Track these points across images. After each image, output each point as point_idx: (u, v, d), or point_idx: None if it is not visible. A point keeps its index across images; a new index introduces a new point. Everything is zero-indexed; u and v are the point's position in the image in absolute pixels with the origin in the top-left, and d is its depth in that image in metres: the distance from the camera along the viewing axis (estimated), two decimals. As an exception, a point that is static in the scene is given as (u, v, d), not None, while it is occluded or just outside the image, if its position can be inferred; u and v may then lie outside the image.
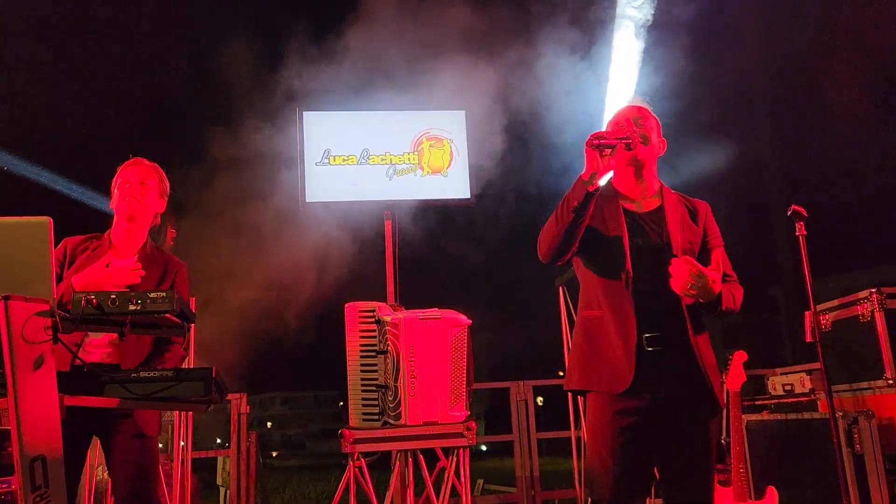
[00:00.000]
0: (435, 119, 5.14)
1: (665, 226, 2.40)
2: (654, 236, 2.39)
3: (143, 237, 3.00)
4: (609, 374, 2.31)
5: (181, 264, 3.06)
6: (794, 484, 4.20)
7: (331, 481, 16.24)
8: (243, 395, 5.91)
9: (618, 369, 2.28)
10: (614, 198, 2.45)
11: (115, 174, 2.99)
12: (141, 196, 2.91)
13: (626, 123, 2.43)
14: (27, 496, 1.93)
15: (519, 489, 6.12)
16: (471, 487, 3.80)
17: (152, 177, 2.98)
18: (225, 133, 6.28)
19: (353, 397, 3.45)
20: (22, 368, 1.93)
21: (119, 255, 2.91)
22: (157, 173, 3.02)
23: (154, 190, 2.98)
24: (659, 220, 2.42)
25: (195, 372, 2.21)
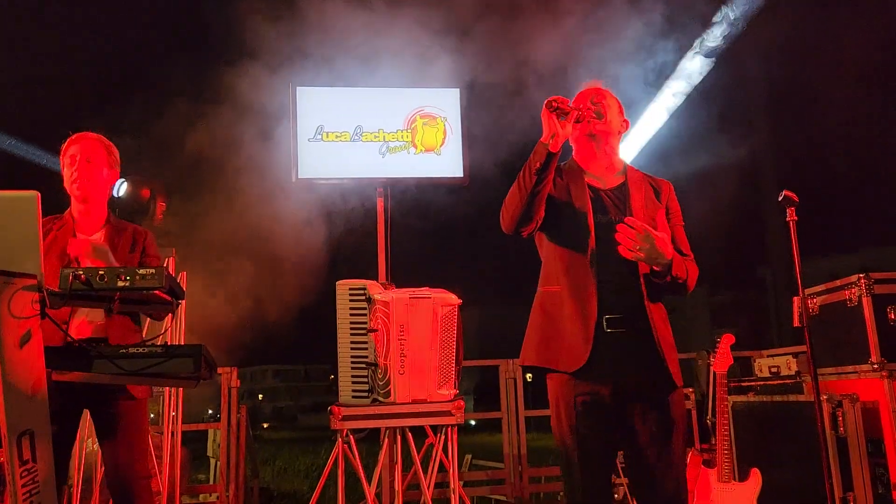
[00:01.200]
0: (429, 97, 5.10)
1: (628, 203, 2.41)
2: (616, 213, 2.39)
3: (103, 212, 2.97)
4: (566, 351, 2.31)
5: (146, 231, 3.05)
6: (778, 465, 4.26)
7: (321, 454, 16.36)
8: (234, 370, 5.93)
9: (574, 347, 2.28)
10: (580, 174, 2.47)
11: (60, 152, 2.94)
12: (89, 176, 2.87)
13: (580, 98, 2.49)
14: (14, 470, 1.93)
15: (507, 466, 6.19)
16: (458, 463, 3.84)
17: (98, 151, 2.92)
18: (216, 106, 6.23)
19: (342, 374, 3.46)
20: (8, 344, 1.93)
21: (85, 230, 2.90)
22: (102, 145, 2.95)
23: (102, 164, 2.92)
24: (622, 197, 2.43)
25: (185, 348, 2.21)
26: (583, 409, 2.29)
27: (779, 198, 3.23)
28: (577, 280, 2.33)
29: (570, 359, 2.29)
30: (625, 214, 2.37)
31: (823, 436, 3.21)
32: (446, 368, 3.37)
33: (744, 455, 4.22)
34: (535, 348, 2.41)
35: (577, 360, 2.27)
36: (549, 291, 2.42)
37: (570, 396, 2.31)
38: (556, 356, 2.34)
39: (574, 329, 2.30)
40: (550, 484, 6.28)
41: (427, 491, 3.46)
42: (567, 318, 2.32)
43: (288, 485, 12.43)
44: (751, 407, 4.76)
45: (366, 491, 3.45)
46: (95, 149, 2.91)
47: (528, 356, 2.45)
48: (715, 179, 9.64)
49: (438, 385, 3.33)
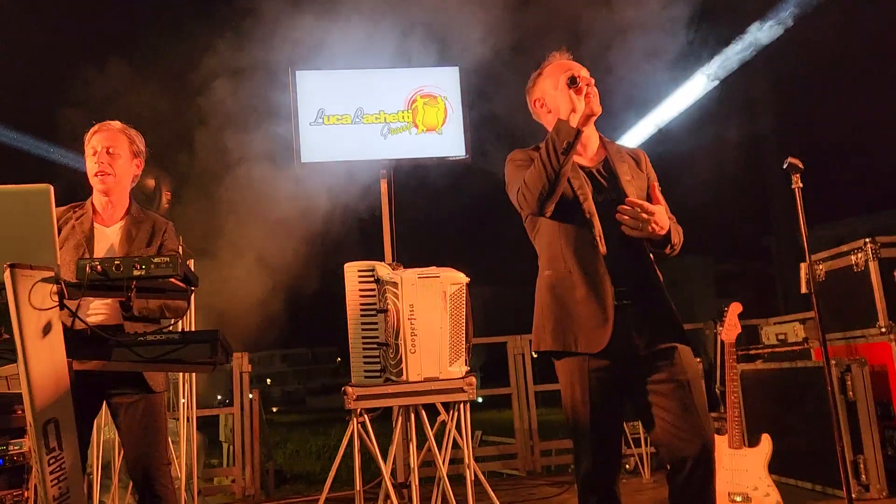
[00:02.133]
0: (428, 76, 5.09)
1: (617, 178, 2.40)
2: (610, 190, 2.39)
3: (125, 202, 2.94)
4: (585, 334, 2.31)
5: (167, 222, 3.02)
6: (788, 431, 4.31)
7: (331, 435, 16.49)
8: (245, 354, 6.00)
9: (593, 329, 2.29)
10: None
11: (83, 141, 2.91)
12: (111, 167, 2.82)
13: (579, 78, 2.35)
14: (42, 458, 1.97)
15: (518, 440, 6.27)
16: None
17: (121, 141, 2.87)
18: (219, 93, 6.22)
19: (354, 355, 3.49)
20: (30, 335, 1.96)
21: (104, 221, 2.88)
22: (126, 135, 2.90)
23: (125, 155, 2.88)
24: (610, 173, 2.42)
25: (201, 334, 2.24)
26: (597, 383, 2.32)
27: (783, 165, 3.23)
28: (586, 261, 2.33)
29: (590, 342, 2.30)
30: (617, 190, 2.38)
31: (834, 400, 3.24)
32: (457, 346, 3.40)
33: (753, 422, 4.27)
34: (550, 333, 2.39)
35: (598, 342, 2.28)
36: (556, 274, 2.39)
37: (584, 372, 2.33)
38: (574, 339, 2.33)
39: (590, 312, 2.30)
40: (561, 456, 6.36)
41: (442, 467, 3.51)
42: (581, 300, 2.32)
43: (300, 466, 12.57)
44: (759, 374, 4.81)
45: (382, 469, 3.50)
46: (117, 139, 2.87)
47: (543, 341, 2.42)
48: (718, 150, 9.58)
49: (450, 362, 3.36)
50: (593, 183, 2.40)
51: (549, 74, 2.47)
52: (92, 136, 2.87)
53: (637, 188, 2.41)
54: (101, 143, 2.84)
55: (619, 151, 2.50)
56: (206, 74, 6.06)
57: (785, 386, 4.54)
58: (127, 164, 2.90)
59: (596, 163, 2.46)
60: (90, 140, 2.87)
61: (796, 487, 4.36)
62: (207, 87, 6.12)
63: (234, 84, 6.09)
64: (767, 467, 3.46)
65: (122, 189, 2.92)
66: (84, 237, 2.79)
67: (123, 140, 2.89)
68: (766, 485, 3.43)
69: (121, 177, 2.87)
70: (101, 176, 2.82)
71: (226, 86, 6.06)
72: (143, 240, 2.88)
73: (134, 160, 2.94)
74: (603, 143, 2.51)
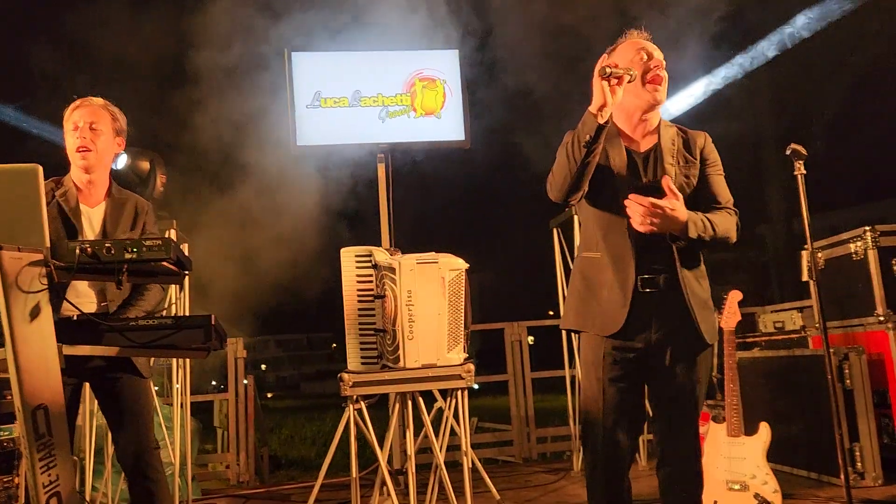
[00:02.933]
0: (427, 59, 5.02)
1: (662, 164, 2.37)
2: (650, 176, 2.37)
3: (106, 181, 2.87)
4: (603, 316, 2.34)
5: (148, 204, 2.96)
6: (785, 419, 4.30)
7: (326, 421, 16.52)
8: (239, 340, 5.96)
9: (612, 312, 2.32)
10: (616, 137, 2.40)
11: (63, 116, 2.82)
12: (93, 144, 2.75)
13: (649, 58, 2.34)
14: (31, 444, 1.93)
15: (514, 427, 6.25)
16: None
17: (103, 117, 2.80)
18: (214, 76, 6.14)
19: (350, 341, 3.45)
20: (18, 319, 1.91)
21: (87, 201, 2.81)
22: (108, 112, 2.83)
23: (107, 132, 2.80)
24: (655, 159, 2.39)
25: (194, 319, 2.20)
26: (613, 364, 2.34)
27: (787, 151, 3.19)
28: (615, 246, 2.34)
29: (606, 324, 2.33)
30: (657, 177, 2.34)
31: (833, 388, 3.22)
32: (455, 332, 3.36)
33: (750, 410, 4.25)
34: (574, 312, 2.45)
35: (613, 325, 2.31)
36: (588, 257, 2.43)
37: (600, 352, 2.35)
38: (592, 321, 2.38)
39: (612, 296, 2.32)
40: (557, 443, 6.35)
41: (439, 454, 3.48)
42: (606, 284, 2.34)
43: (295, 452, 12.58)
44: (756, 363, 4.79)
45: (378, 456, 3.47)
46: (101, 115, 2.79)
47: (567, 320, 2.49)
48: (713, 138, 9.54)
49: (448, 349, 3.32)
50: (637, 167, 2.37)
51: (622, 51, 2.40)
52: (73, 111, 2.79)
53: (680, 174, 2.36)
54: (83, 118, 2.76)
55: (673, 135, 2.43)
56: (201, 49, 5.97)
57: (782, 374, 4.52)
58: (109, 141, 2.82)
59: (647, 147, 2.41)
60: (70, 115, 2.79)
61: (792, 475, 4.36)
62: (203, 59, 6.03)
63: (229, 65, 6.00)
64: (766, 455, 3.44)
65: (104, 167, 2.84)
66: (71, 216, 2.72)
67: (106, 116, 2.81)
68: (764, 473, 3.41)
69: (102, 153, 2.79)
70: (82, 151, 2.74)
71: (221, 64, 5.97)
72: (127, 221, 2.83)
73: (116, 138, 2.86)
74: (660, 126, 2.44)
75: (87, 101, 2.82)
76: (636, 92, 2.32)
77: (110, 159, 2.88)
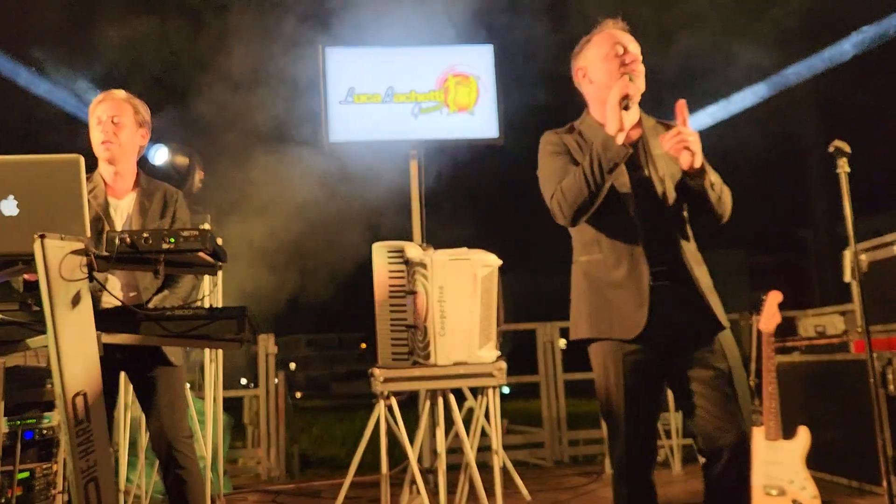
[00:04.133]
0: (461, 55, 5.00)
1: (651, 156, 2.32)
2: (643, 168, 2.31)
3: (133, 172, 2.91)
4: (621, 319, 2.25)
5: (177, 191, 2.99)
6: (825, 425, 4.19)
7: (355, 421, 16.56)
8: (271, 336, 6.00)
9: (629, 314, 2.23)
10: (601, 131, 2.30)
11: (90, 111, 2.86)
12: (115, 137, 2.79)
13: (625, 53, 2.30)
14: (70, 430, 1.96)
15: (546, 429, 6.20)
16: (498, 426, 3.82)
17: (126, 110, 2.83)
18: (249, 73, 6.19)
19: (382, 337, 3.45)
20: (60, 306, 1.94)
21: (116, 193, 2.86)
22: (130, 104, 2.86)
23: (130, 124, 2.84)
24: (645, 150, 2.34)
25: (229, 310, 2.21)
26: (632, 367, 2.26)
27: (829, 149, 3.11)
28: (620, 244, 2.27)
29: (625, 327, 2.24)
30: (651, 168, 2.30)
31: (876, 393, 3.13)
32: (487, 330, 3.34)
33: (788, 415, 4.16)
34: (586, 320, 2.34)
35: (634, 327, 2.22)
36: (591, 259, 2.34)
37: (619, 356, 2.27)
38: (609, 326, 2.28)
39: (626, 296, 2.24)
40: (589, 446, 6.28)
41: (470, 452, 3.46)
42: (616, 284, 2.26)
43: (325, 451, 12.64)
44: (796, 367, 4.69)
45: (409, 453, 3.46)
46: (123, 108, 2.83)
47: (580, 329, 2.37)
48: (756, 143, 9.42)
49: (479, 346, 3.30)
50: (629, 161, 2.28)
51: (597, 43, 2.37)
52: (97, 105, 2.84)
53: (668, 162, 2.31)
54: (106, 112, 2.81)
55: (655, 127, 2.40)
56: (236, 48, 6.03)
57: (823, 379, 4.41)
58: (132, 133, 2.86)
59: (633, 139, 2.34)
60: (95, 110, 2.83)
61: (832, 483, 4.25)
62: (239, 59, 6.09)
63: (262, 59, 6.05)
64: (805, 460, 3.36)
65: (129, 159, 2.88)
66: (101, 210, 2.77)
67: (128, 109, 2.85)
68: (802, 478, 3.33)
69: (126, 146, 2.83)
70: (106, 144, 2.79)
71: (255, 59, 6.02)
72: (156, 210, 2.86)
73: (139, 130, 2.90)
74: (641, 118, 2.40)
75: (110, 94, 2.87)
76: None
77: (135, 151, 2.92)
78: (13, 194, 2.06)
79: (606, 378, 2.31)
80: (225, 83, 6.40)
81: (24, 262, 2.11)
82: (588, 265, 2.35)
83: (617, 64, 2.28)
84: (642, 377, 2.26)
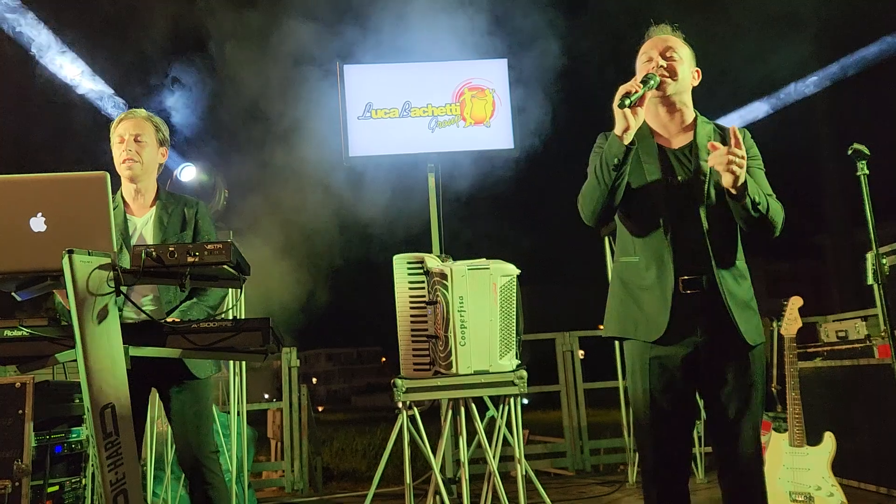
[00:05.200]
0: (476, 69, 5.06)
1: (698, 161, 2.31)
2: (686, 174, 2.31)
3: (153, 189, 2.97)
4: (645, 321, 2.29)
5: (198, 202, 3.04)
6: (851, 431, 4.14)
7: (376, 433, 16.55)
8: (293, 349, 6.03)
9: (653, 316, 2.26)
10: (649, 136, 2.36)
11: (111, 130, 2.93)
12: (138, 155, 2.86)
13: (649, 61, 2.33)
14: (99, 443, 1.99)
15: (567, 438, 6.17)
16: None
17: (147, 129, 2.90)
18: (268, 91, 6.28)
19: (403, 348, 3.46)
20: (88, 320, 1.99)
21: (135, 211, 2.92)
22: (152, 123, 2.93)
23: (152, 143, 2.91)
24: (691, 156, 2.33)
25: (253, 322, 2.24)
26: (659, 371, 2.28)
27: (848, 151, 3.09)
28: (653, 248, 2.30)
29: (649, 329, 2.28)
30: (694, 174, 2.30)
31: (902, 397, 3.09)
32: (507, 339, 3.35)
33: (813, 422, 4.11)
34: (615, 319, 2.40)
35: (656, 330, 2.26)
36: (626, 262, 2.39)
37: (645, 359, 2.30)
38: (634, 327, 2.32)
39: (652, 299, 2.28)
40: (610, 455, 6.25)
41: (493, 461, 3.46)
42: (646, 288, 2.30)
43: (346, 464, 12.64)
44: (819, 372, 4.64)
45: (432, 463, 3.47)
46: (143, 126, 2.91)
47: (609, 327, 2.44)
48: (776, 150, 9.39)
49: (500, 355, 3.31)
50: (672, 165, 2.32)
51: (641, 52, 2.41)
52: (118, 124, 2.91)
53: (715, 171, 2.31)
54: (128, 130, 2.87)
55: (710, 132, 2.38)
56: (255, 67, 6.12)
57: (846, 385, 4.36)
58: (153, 151, 2.93)
59: (681, 144, 2.37)
60: (116, 128, 2.90)
61: (860, 489, 4.19)
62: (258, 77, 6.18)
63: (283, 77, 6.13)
64: (831, 466, 3.32)
65: (149, 176, 2.94)
66: (119, 230, 2.82)
67: (150, 128, 2.92)
68: (829, 485, 3.30)
69: (147, 164, 2.90)
70: (128, 162, 2.85)
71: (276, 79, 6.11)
72: (175, 224, 2.91)
73: (160, 148, 2.96)
74: (695, 122, 2.40)
75: (132, 113, 2.94)
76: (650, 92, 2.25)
77: (155, 169, 2.99)
78: (41, 211, 2.12)
79: (634, 381, 2.36)
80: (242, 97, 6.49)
81: (53, 277, 2.16)
82: (624, 267, 2.40)
83: (645, 71, 2.31)
84: (668, 383, 2.28)
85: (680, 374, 2.28)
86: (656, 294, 2.27)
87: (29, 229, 2.09)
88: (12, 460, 2.81)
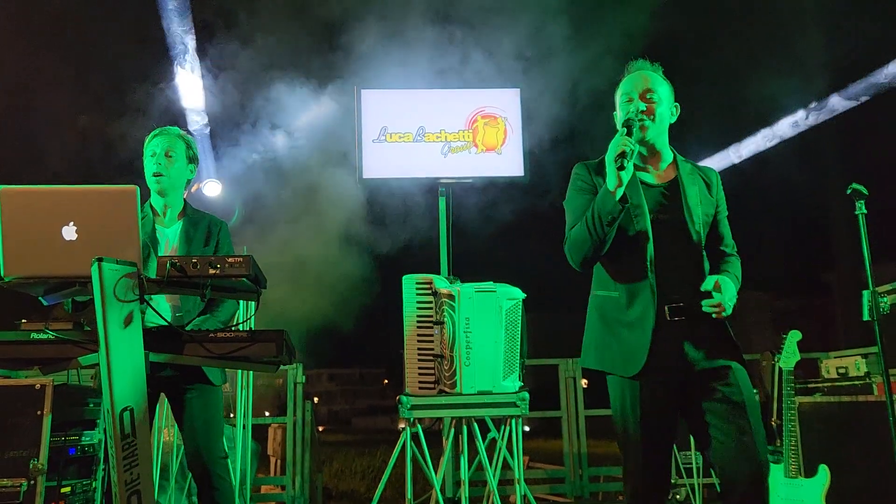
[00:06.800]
0: (489, 97, 5.19)
1: (684, 199, 2.38)
2: (673, 211, 2.37)
3: (181, 203, 3.12)
4: (622, 358, 2.33)
5: (221, 222, 3.17)
6: (846, 466, 4.17)
7: (376, 455, 16.50)
8: (299, 365, 6.09)
9: (632, 354, 2.30)
10: (634, 179, 2.38)
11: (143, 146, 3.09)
12: (167, 170, 3.00)
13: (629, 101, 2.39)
14: (117, 444, 2.08)
15: (567, 465, 6.20)
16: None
17: (178, 145, 3.06)
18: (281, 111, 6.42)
19: (409, 366, 3.56)
20: (113, 324, 2.09)
21: (163, 222, 3.06)
22: (183, 140, 3.09)
23: (181, 158, 3.06)
24: (675, 193, 2.39)
25: (268, 333, 2.33)
26: (649, 397, 2.32)
27: (847, 191, 3.19)
28: (634, 284, 2.34)
29: (626, 365, 2.32)
30: (681, 211, 2.36)
31: (896, 434, 3.14)
32: (511, 360, 3.44)
33: (811, 457, 4.15)
34: (594, 352, 2.44)
35: (634, 366, 2.30)
36: (604, 296, 2.42)
37: (626, 393, 2.34)
38: (612, 362, 2.37)
39: (632, 337, 2.32)
40: (610, 484, 6.26)
41: (493, 480, 3.53)
42: (626, 324, 2.34)
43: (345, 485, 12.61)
44: (817, 408, 4.67)
45: (433, 481, 3.54)
46: (176, 143, 3.06)
47: (587, 359, 2.48)
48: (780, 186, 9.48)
49: (504, 377, 3.40)
50: (655, 202, 2.37)
51: (620, 90, 2.48)
52: (151, 139, 3.07)
53: (704, 212, 2.40)
54: (161, 146, 3.03)
55: (692, 172, 2.46)
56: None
57: (844, 421, 4.40)
58: (182, 167, 3.08)
59: (663, 180, 2.43)
60: (149, 143, 3.06)
61: (855, 525, 4.21)
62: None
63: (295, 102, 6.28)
64: (826, 499, 3.37)
65: (178, 191, 3.10)
66: (148, 238, 2.94)
67: (181, 144, 3.08)
68: (823, 518, 3.34)
69: (176, 179, 3.05)
70: (158, 177, 3.00)
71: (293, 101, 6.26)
72: (200, 239, 3.05)
73: (189, 164, 3.12)
74: (676, 161, 2.47)
75: (165, 130, 3.11)
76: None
77: (183, 184, 3.14)
78: (73, 220, 2.23)
79: (622, 408, 2.38)
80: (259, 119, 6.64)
81: (81, 283, 2.27)
82: (602, 301, 2.43)
83: (625, 112, 2.37)
84: (657, 410, 2.32)
85: (670, 399, 2.32)
86: (637, 332, 2.31)
87: (61, 237, 2.20)
88: (29, 459, 2.89)
